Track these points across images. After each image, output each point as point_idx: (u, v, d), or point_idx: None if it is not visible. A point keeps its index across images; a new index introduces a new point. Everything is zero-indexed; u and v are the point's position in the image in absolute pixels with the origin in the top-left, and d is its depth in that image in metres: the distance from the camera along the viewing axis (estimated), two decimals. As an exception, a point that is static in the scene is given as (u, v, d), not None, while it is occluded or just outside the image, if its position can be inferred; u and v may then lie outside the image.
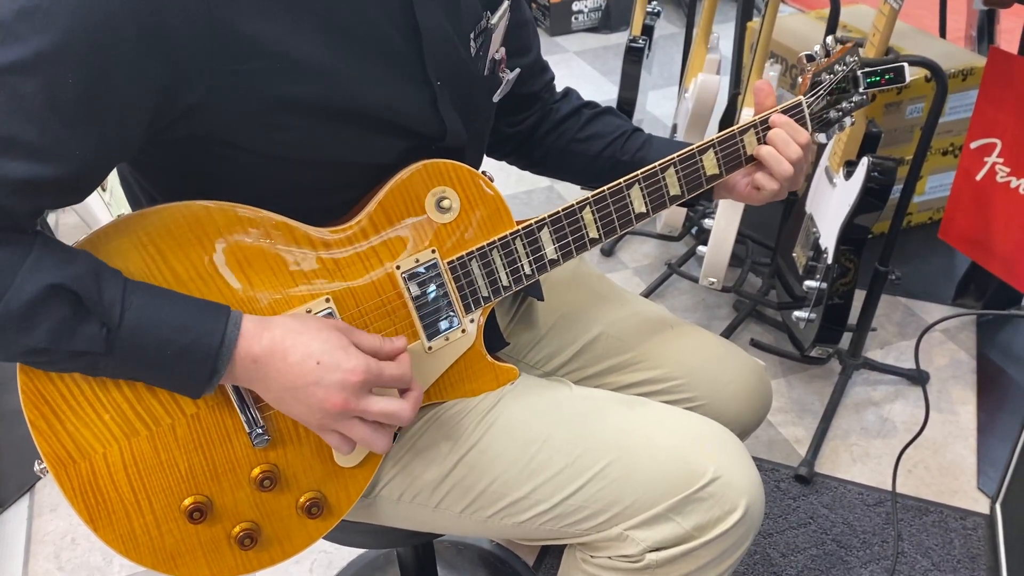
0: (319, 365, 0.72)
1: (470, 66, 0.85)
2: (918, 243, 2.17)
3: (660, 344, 1.03)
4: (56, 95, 0.62)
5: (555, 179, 1.16)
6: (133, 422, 0.73)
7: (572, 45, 3.55)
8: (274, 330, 0.72)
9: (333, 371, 0.72)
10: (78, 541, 1.53)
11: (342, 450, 0.77)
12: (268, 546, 0.81)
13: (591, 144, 1.02)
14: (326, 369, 0.72)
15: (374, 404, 0.74)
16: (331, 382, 0.72)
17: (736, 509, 0.84)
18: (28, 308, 0.64)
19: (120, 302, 0.68)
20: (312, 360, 0.71)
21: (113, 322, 0.67)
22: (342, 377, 0.72)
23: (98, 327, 0.67)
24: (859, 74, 0.94)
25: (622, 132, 1.01)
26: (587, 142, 1.02)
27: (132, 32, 0.63)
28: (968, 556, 1.44)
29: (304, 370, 0.71)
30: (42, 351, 0.66)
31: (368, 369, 0.73)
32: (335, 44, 0.73)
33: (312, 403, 0.72)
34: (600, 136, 1.02)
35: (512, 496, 0.86)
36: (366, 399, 0.73)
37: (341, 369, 0.72)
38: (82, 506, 0.74)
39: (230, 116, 0.71)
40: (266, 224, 0.76)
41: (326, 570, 1.47)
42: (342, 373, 0.72)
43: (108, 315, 0.67)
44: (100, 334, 0.67)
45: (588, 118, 1.03)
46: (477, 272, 0.84)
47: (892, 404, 1.75)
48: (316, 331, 0.73)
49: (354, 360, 0.73)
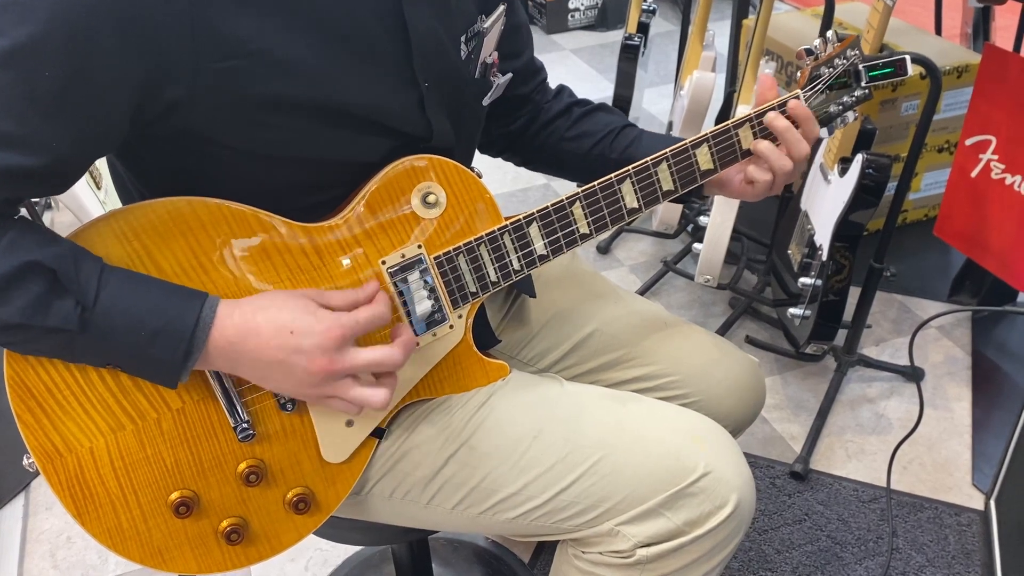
0: (293, 334, 0.71)
1: (460, 68, 0.85)
2: (913, 240, 2.17)
3: (654, 341, 1.03)
4: (33, 87, 0.62)
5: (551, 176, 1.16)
6: (119, 416, 0.73)
7: (568, 43, 3.55)
8: (244, 308, 0.72)
9: (308, 335, 0.71)
10: (73, 540, 1.52)
11: (350, 411, 0.76)
12: (256, 541, 0.81)
13: (580, 142, 1.02)
14: (301, 335, 0.71)
15: (359, 356, 0.73)
16: (309, 346, 0.71)
17: (727, 504, 0.84)
18: (2, 283, 0.65)
19: (96, 281, 0.68)
20: (286, 330, 0.71)
21: (88, 300, 0.67)
22: (318, 340, 0.71)
23: (73, 304, 0.67)
24: (860, 68, 0.94)
25: (610, 130, 1.01)
26: (576, 140, 1.02)
27: (110, 27, 0.63)
28: (963, 552, 1.44)
29: (280, 342, 0.71)
30: (16, 327, 0.66)
31: (342, 323, 0.73)
32: (321, 43, 0.72)
33: (298, 372, 0.72)
34: (589, 134, 1.01)
35: (503, 492, 0.85)
36: (350, 354, 0.73)
37: (315, 332, 0.71)
38: (69, 500, 0.74)
39: (215, 114, 0.71)
40: (251, 220, 0.75)
41: (322, 567, 1.46)
42: (317, 336, 0.71)
43: (83, 293, 0.67)
44: (75, 312, 0.67)
45: (578, 116, 1.03)
46: (464, 267, 0.84)
47: (887, 401, 1.75)
48: (283, 300, 0.73)
49: (326, 320, 0.72)
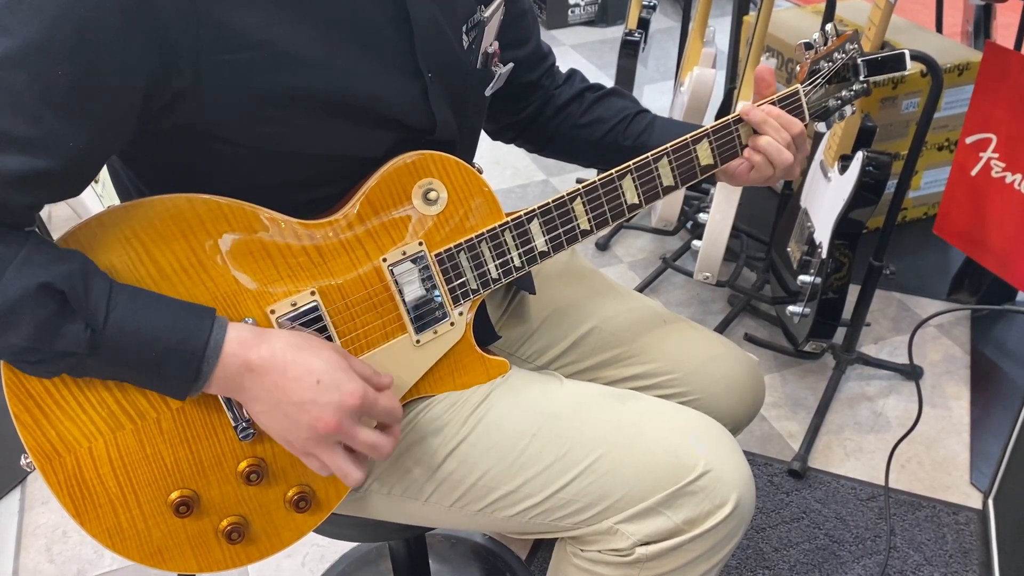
0: (319, 384, 0.71)
1: (462, 59, 0.84)
2: (913, 238, 2.17)
3: (653, 339, 1.03)
4: (47, 87, 0.62)
5: (554, 166, 1.16)
6: (118, 416, 0.73)
7: (568, 39, 3.54)
8: (274, 342, 0.72)
9: (332, 391, 0.71)
10: (69, 534, 1.52)
11: (321, 473, 0.75)
12: (256, 540, 0.81)
13: (594, 129, 1.01)
14: (325, 389, 0.71)
15: (363, 433, 0.73)
16: (328, 402, 0.71)
17: (727, 503, 0.83)
18: (12, 305, 0.64)
19: (106, 303, 0.67)
20: (312, 377, 0.71)
21: (98, 323, 0.66)
22: (340, 399, 0.71)
23: (82, 327, 0.66)
24: (860, 62, 0.93)
25: (624, 116, 1.00)
26: (589, 127, 1.01)
27: (118, 20, 0.63)
28: (960, 551, 1.44)
29: (302, 386, 0.71)
30: (25, 350, 0.66)
31: (365, 395, 0.72)
32: (324, 35, 0.72)
33: (302, 420, 0.71)
34: (603, 120, 1.01)
35: (502, 490, 0.85)
36: (357, 426, 0.73)
37: (340, 391, 0.71)
38: (68, 500, 0.74)
39: (217, 107, 0.70)
40: (250, 217, 0.75)
41: (318, 563, 1.46)
42: (340, 395, 0.71)
43: (93, 316, 0.66)
44: (84, 335, 0.66)
45: (591, 102, 1.02)
46: (465, 264, 0.83)
47: (886, 399, 1.75)
48: (318, 349, 0.73)
49: (354, 384, 0.72)
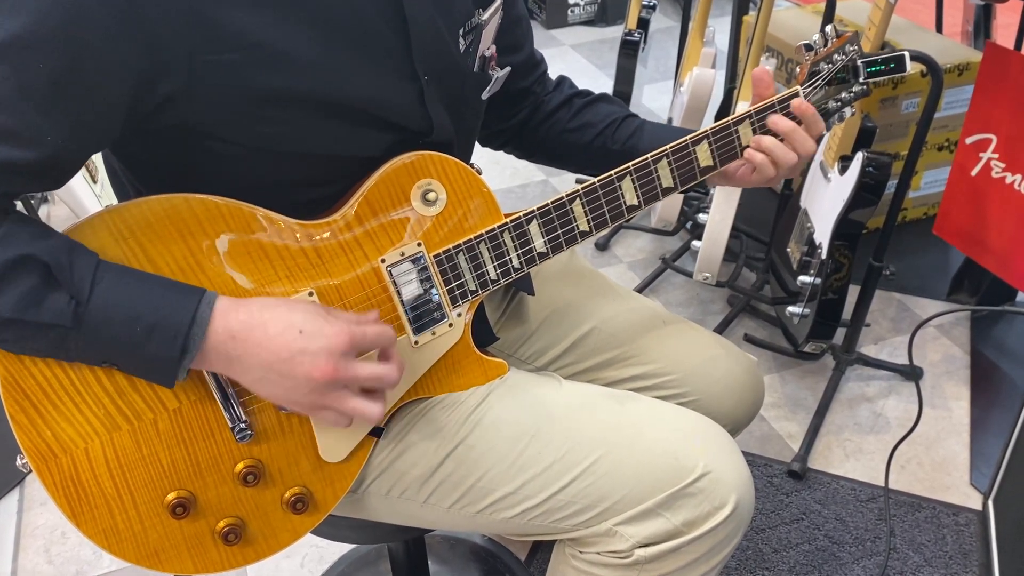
0: (302, 333, 0.69)
1: (459, 62, 0.84)
2: (913, 238, 2.17)
3: (653, 340, 1.02)
4: (27, 80, 0.62)
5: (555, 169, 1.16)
6: (114, 416, 0.73)
7: (568, 38, 3.54)
8: (250, 305, 0.71)
9: (317, 337, 0.70)
10: (68, 535, 1.52)
11: (340, 424, 0.74)
12: (253, 541, 0.80)
13: (582, 134, 1.01)
14: (310, 337, 0.69)
15: (363, 368, 0.72)
16: (316, 348, 0.69)
17: (726, 505, 0.83)
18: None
19: (91, 276, 0.66)
20: (294, 329, 0.69)
21: (82, 295, 0.66)
22: (328, 342, 0.70)
23: (66, 299, 0.65)
24: (859, 63, 0.93)
25: (612, 120, 1.00)
26: (578, 132, 1.01)
27: (104, 18, 0.62)
28: (960, 552, 1.44)
29: (287, 340, 0.69)
30: (8, 323, 0.65)
31: (351, 332, 0.71)
32: (320, 35, 0.72)
33: (299, 374, 0.70)
34: (591, 125, 1.01)
35: (500, 491, 0.85)
36: (355, 364, 0.72)
37: (325, 334, 0.70)
38: (64, 501, 0.73)
39: (212, 107, 0.70)
40: (248, 217, 0.75)
41: (317, 564, 1.46)
42: (326, 338, 0.70)
43: (78, 288, 0.66)
44: (68, 307, 0.65)
45: (579, 107, 1.03)
46: (464, 265, 0.83)
47: (885, 400, 1.75)
48: (293, 303, 0.72)
49: (337, 324, 0.71)
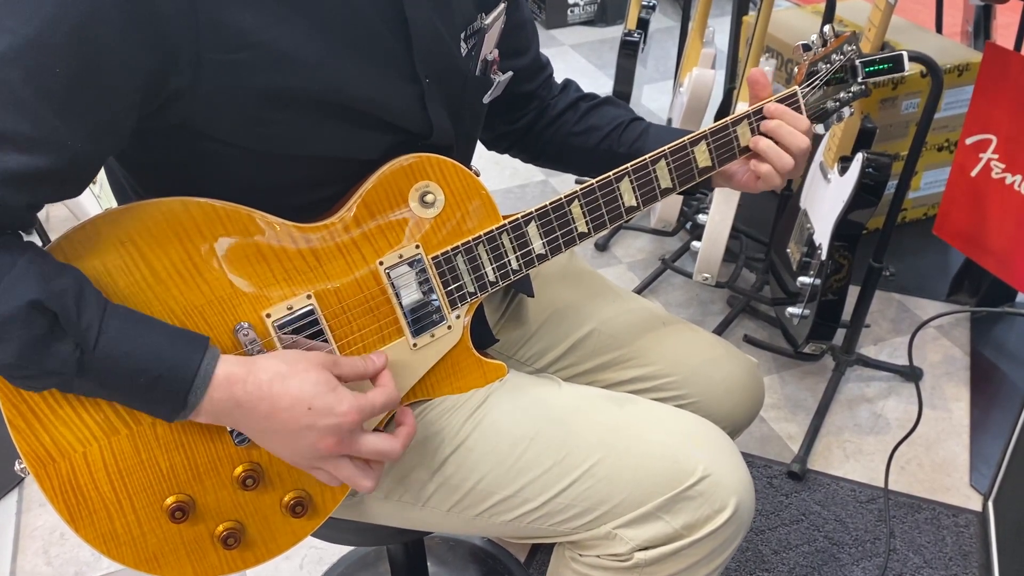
0: (311, 411, 0.70)
1: (460, 65, 0.84)
2: (913, 239, 2.17)
3: (652, 341, 1.02)
4: (45, 84, 0.61)
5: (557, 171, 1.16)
6: (113, 421, 0.72)
7: (568, 38, 3.54)
8: (259, 375, 0.70)
9: (326, 416, 0.70)
10: (67, 536, 1.52)
11: (330, 484, 0.76)
12: (252, 545, 0.80)
13: (588, 137, 1.01)
14: (318, 414, 0.70)
15: (366, 444, 0.73)
16: (324, 426, 0.70)
17: (726, 508, 0.83)
18: (2, 321, 0.62)
19: (98, 325, 0.66)
20: (303, 405, 0.70)
21: (88, 345, 0.65)
22: (336, 421, 0.71)
23: (71, 348, 0.65)
24: (857, 63, 0.93)
25: (619, 123, 1.00)
26: (584, 135, 1.01)
27: (117, 18, 0.62)
28: (960, 553, 1.43)
29: (295, 415, 0.70)
30: (11, 367, 0.65)
31: (361, 408, 0.72)
32: (322, 37, 0.72)
33: (302, 445, 0.71)
34: (597, 128, 1.01)
35: (500, 495, 0.85)
36: (358, 439, 0.73)
37: (334, 413, 0.71)
38: (62, 506, 0.73)
39: (213, 107, 0.70)
40: (246, 219, 0.74)
41: (316, 566, 1.46)
42: (335, 417, 0.71)
43: (83, 337, 0.65)
44: (73, 356, 0.65)
45: (585, 111, 1.02)
46: (463, 267, 0.83)
47: (885, 401, 1.75)
48: (304, 373, 0.71)
49: (346, 403, 0.71)
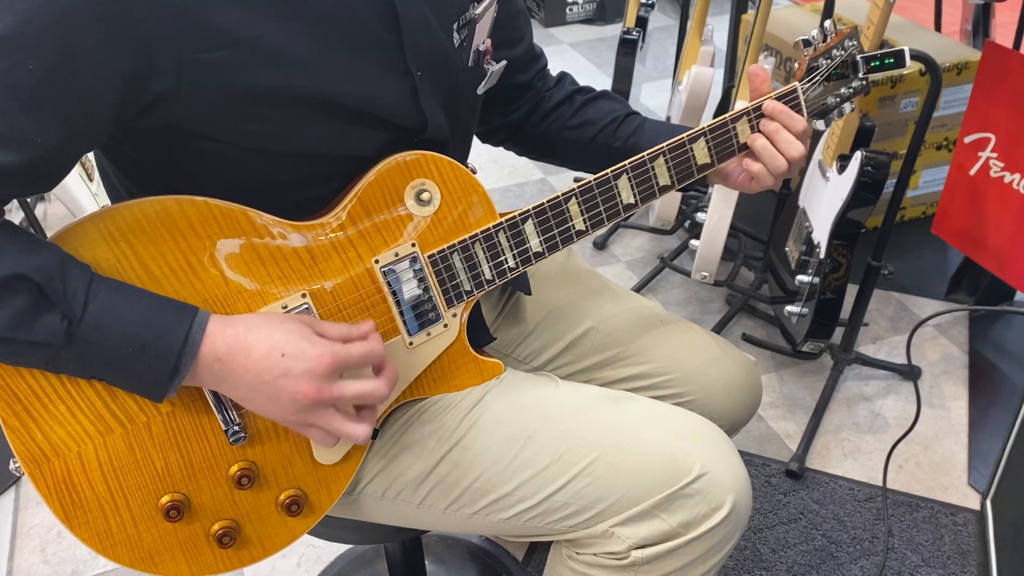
0: (284, 357, 0.70)
1: (453, 57, 0.83)
2: (911, 238, 2.17)
3: (650, 339, 1.02)
4: (15, 81, 0.61)
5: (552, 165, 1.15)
6: (107, 420, 0.72)
7: (566, 36, 3.53)
8: (236, 326, 0.71)
9: (299, 360, 0.70)
10: (64, 535, 1.52)
11: (327, 443, 0.75)
12: (248, 544, 0.80)
13: (583, 131, 1.01)
14: (292, 359, 0.70)
15: (347, 388, 0.72)
16: (299, 371, 0.70)
17: (723, 506, 0.83)
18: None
19: (84, 295, 0.66)
20: (277, 352, 0.70)
21: (75, 315, 0.66)
22: (310, 365, 0.70)
23: (59, 319, 0.65)
24: (859, 59, 0.93)
25: (614, 118, 1.00)
26: (579, 129, 1.01)
27: (93, 18, 0.62)
28: (958, 552, 1.43)
29: (270, 363, 0.70)
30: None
31: (335, 352, 0.71)
32: (311, 32, 0.71)
33: (283, 397, 0.71)
34: (592, 123, 1.00)
35: (496, 493, 0.85)
36: (338, 384, 0.72)
37: (307, 357, 0.70)
38: (57, 505, 0.73)
39: (202, 106, 0.69)
40: (240, 218, 0.74)
41: (314, 564, 1.46)
42: (308, 361, 0.70)
43: (70, 307, 0.65)
44: (60, 326, 0.65)
45: (580, 104, 1.02)
46: (459, 266, 0.83)
47: (884, 399, 1.75)
48: (278, 323, 0.72)
49: (319, 347, 0.71)
